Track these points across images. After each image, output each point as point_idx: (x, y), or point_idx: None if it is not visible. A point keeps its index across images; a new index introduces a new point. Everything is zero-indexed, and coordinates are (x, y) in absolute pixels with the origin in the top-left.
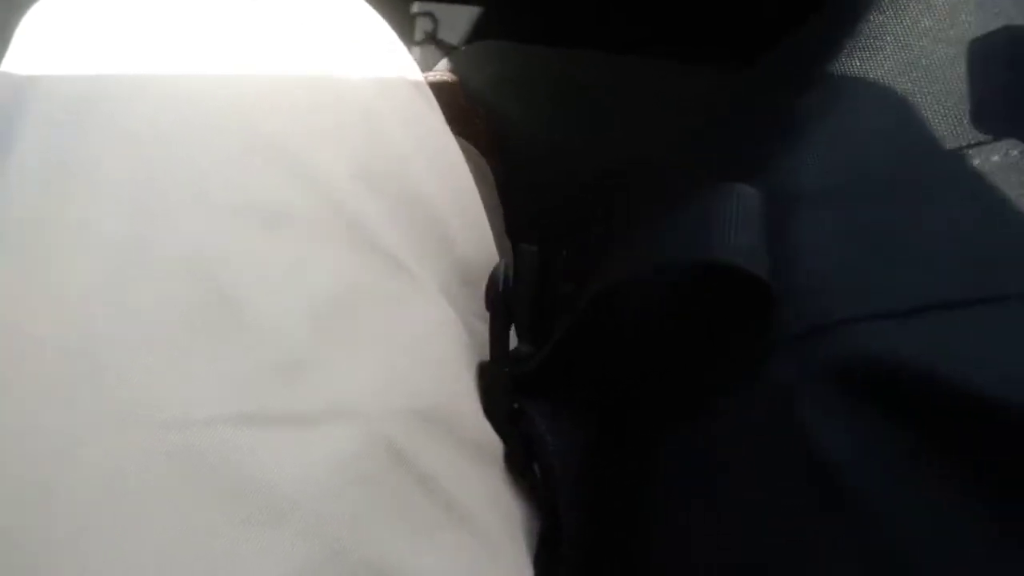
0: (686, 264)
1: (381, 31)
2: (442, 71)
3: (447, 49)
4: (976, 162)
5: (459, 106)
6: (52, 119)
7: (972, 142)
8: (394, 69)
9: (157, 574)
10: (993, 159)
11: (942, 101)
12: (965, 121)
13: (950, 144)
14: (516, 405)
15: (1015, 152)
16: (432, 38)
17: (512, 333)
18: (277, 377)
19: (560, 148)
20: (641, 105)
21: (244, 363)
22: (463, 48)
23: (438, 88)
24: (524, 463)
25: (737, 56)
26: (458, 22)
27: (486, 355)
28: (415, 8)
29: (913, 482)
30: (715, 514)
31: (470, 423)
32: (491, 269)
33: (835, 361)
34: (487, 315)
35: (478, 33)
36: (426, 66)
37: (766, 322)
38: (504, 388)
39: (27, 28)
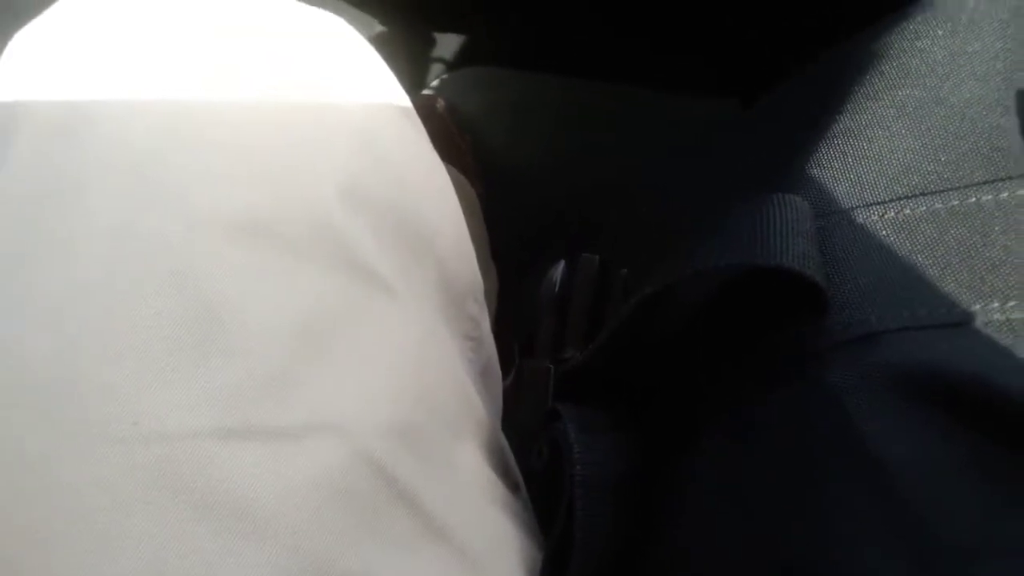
0: (746, 268)
1: (368, 55)
2: (430, 95)
3: (435, 72)
4: (1003, 195)
5: (446, 131)
6: (43, 139)
7: (1001, 176)
8: (381, 92)
9: None
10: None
11: (968, 137)
12: (992, 157)
13: (978, 177)
14: (553, 406)
15: None
16: (421, 61)
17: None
18: (258, 391)
19: (553, 172)
20: (636, 131)
21: (225, 377)
22: (452, 73)
23: (424, 112)
24: (546, 470)
25: (728, 89)
26: (446, 48)
27: (472, 373)
28: (405, 32)
29: (968, 483)
30: (753, 513)
31: (454, 440)
32: (472, 289)
33: (890, 367)
34: (475, 334)
35: (466, 59)
36: (414, 89)
37: (814, 328)
38: (545, 386)
39: (16, 49)
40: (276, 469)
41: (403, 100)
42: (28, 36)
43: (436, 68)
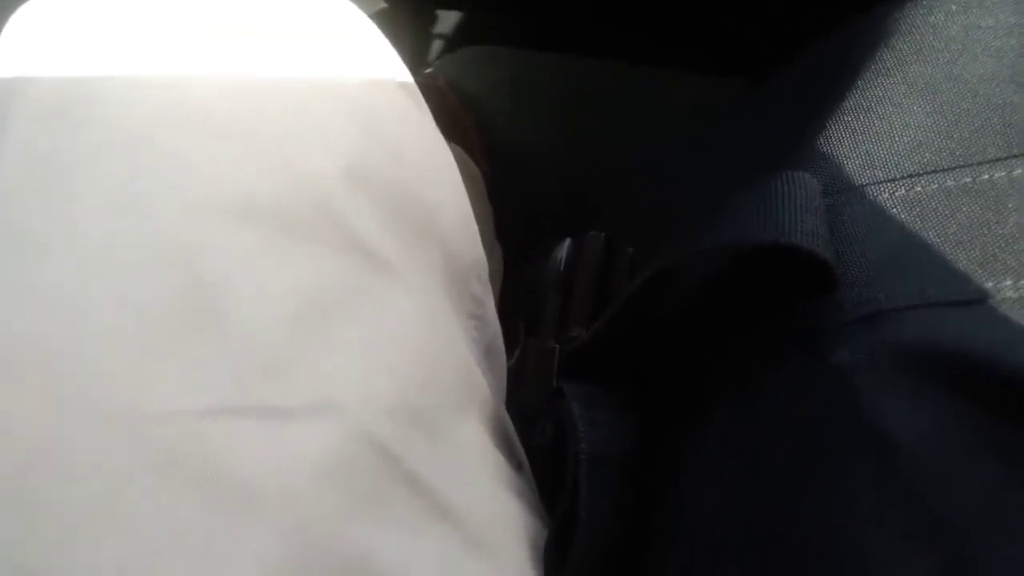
0: (756, 245)
1: (370, 33)
2: (432, 74)
3: (438, 50)
4: (1016, 172)
5: (449, 110)
6: (39, 119)
7: (1014, 153)
8: (383, 70)
9: (136, 570)
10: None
11: (981, 113)
12: (1006, 133)
13: (991, 154)
14: (558, 385)
15: None
16: (424, 39)
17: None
18: (258, 372)
19: (555, 152)
20: (637, 111)
21: (225, 357)
22: (456, 52)
23: (428, 91)
24: (550, 448)
25: (729, 68)
26: (449, 25)
27: (476, 352)
28: (408, 10)
29: (980, 464)
30: (762, 485)
31: (457, 419)
32: (476, 268)
33: (899, 346)
34: (478, 312)
35: (468, 37)
36: (418, 67)
37: (822, 306)
38: (550, 365)
39: (14, 28)
40: (278, 449)
41: (406, 78)
42: (26, 15)
43: (439, 46)
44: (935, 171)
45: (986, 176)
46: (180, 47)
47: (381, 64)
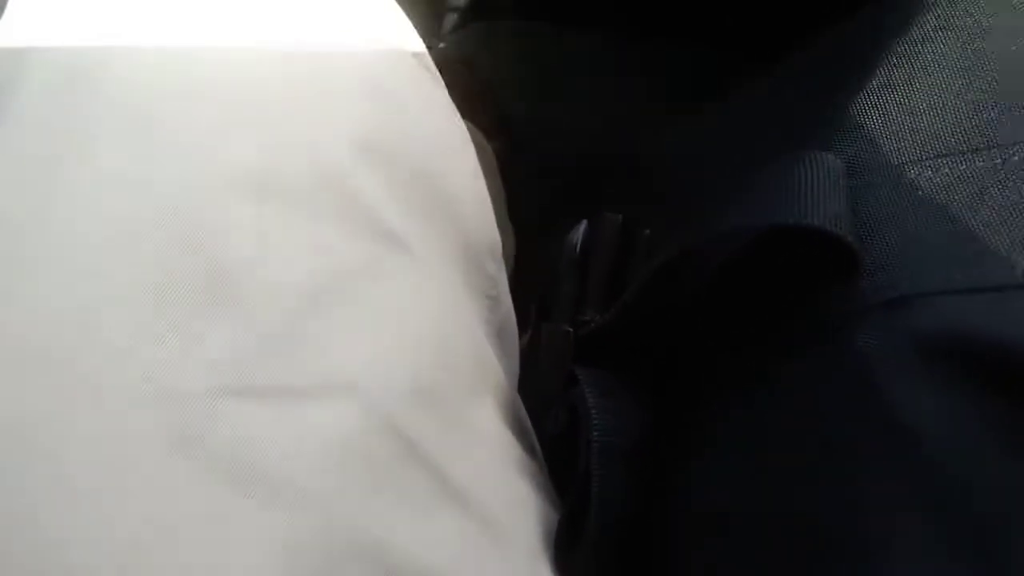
0: (777, 227)
1: (385, 4)
2: (445, 48)
3: (454, 24)
4: None
5: (462, 85)
6: (48, 90)
7: None
8: (398, 42)
9: (148, 550)
10: None
11: (1014, 92)
12: None
13: (1022, 135)
14: (572, 371)
15: None
16: (439, 11)
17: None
18: (272, 351)
19: (567, 129)
20: (652, 89)
21: (237, 335)
22: (469, 26)
23: (441, 66)
24: (562, 433)
25: (744, 46)
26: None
27: (489, 333)
28: None
29: (1001, 453)
30: (777, 475)
31: (471, 401)
32: (490, 246)
33: (921, 333)
34: (492, 292)
35: (483, 12)
36: (432, 40)
37: (843, 291)
38: (564, 350)
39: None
40: (292, 429)
41: (421, 50)
42: None
43: (452, 19)
44: (964, 152)
45: (1016, 158)
46: (187, 19)
47: (395, 35)
